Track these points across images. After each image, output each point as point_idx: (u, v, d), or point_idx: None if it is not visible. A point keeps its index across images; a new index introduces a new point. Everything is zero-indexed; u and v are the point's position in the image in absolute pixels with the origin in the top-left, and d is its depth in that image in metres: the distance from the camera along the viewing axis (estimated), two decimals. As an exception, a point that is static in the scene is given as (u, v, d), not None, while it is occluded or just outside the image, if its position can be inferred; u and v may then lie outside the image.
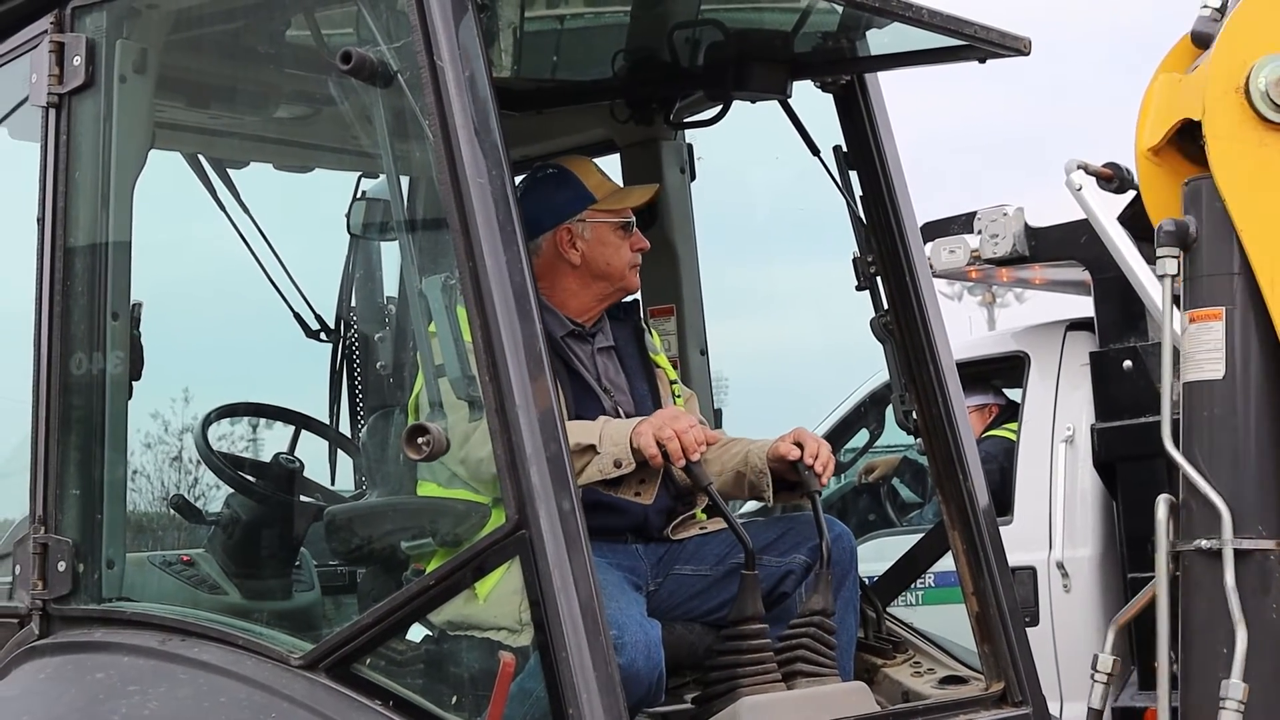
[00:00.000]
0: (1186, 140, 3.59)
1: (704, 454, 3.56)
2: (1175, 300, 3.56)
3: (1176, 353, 3.55)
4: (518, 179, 4.06)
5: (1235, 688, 3.33)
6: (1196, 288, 3.52)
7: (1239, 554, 3.40)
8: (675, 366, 4.32)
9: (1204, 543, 3.42)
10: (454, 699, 3.13)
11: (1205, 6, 3.66)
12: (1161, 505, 3.49)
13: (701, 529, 3.84)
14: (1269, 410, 3.48)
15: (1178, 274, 3.51)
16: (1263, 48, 3.46)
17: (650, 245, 4.02)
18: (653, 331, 4.13)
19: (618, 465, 3.47)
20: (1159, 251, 3.52)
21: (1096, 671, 3.55)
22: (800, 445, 3.73)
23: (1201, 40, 3.64)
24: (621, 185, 4.04)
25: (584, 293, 3.88)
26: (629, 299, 4.07)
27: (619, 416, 3.74)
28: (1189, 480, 3.45)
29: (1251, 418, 3.46)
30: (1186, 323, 3.52)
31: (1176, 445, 3.49)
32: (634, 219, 3.92)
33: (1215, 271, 3.49)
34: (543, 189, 3.94)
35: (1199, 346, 3.50)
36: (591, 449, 3.46)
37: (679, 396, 4.02)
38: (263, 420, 4.86)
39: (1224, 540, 3.39)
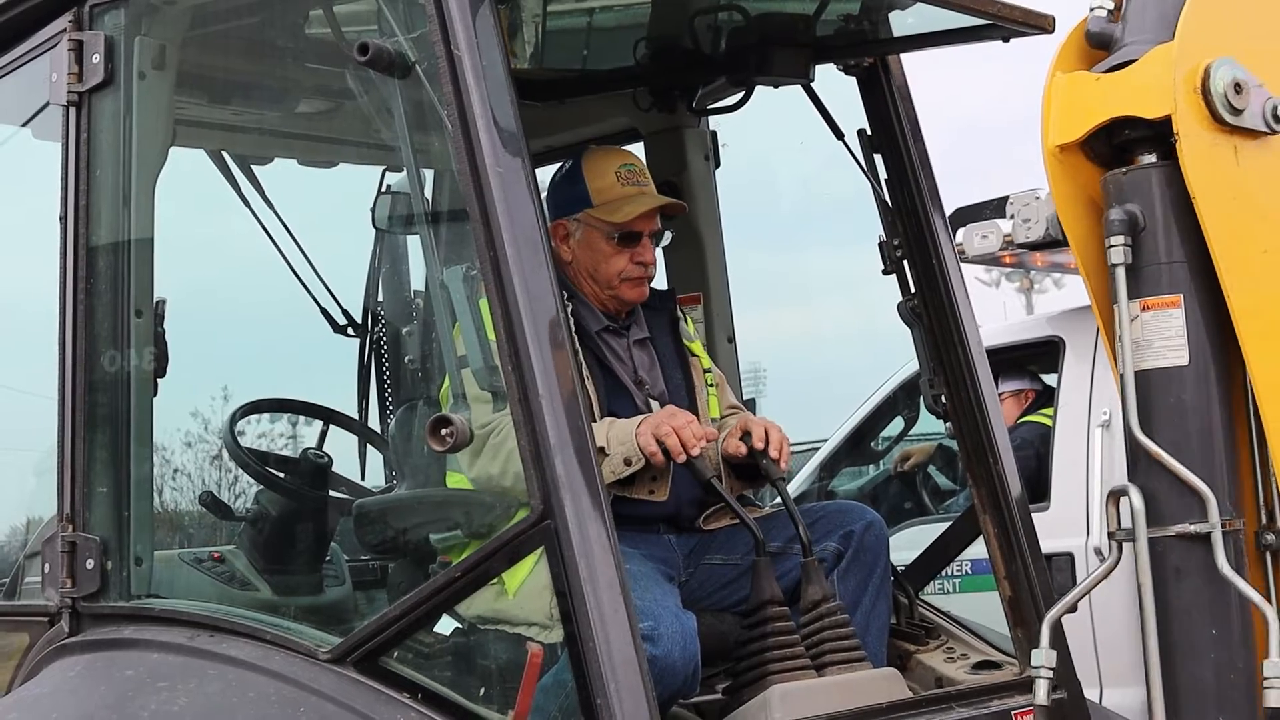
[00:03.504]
0: (1097, 138, 3.61)
1: (705, 449, 3.54)
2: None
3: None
4: (550, 167, 4.06)
5: (1278, 665, 3.31)
6: (1148, 275, 3.52)
7: (1224, 536, 3.40)
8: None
9: (1191, 527, 3.42)
10: (483, 692, 3.12)
11: (1098, 7, 3.67)
12: (1135, 494, 3.47)
13: (732, 520, 3.82)
14: (1229, 394, 3.50)
15: (1126, 261, 3.50)
16: (1213, 49, 3.47)
17: (664, 248, 3.98)
18: (688, 320, 4.10)
19: (628, 463, 3.48)
20: (1110, 240, 3.51)
21: (1036, 667, 3.52)
22: (747, 434, 3.70)
23: (1098, 41, 3.67)
24: (643, 192, 3.92)
25: (591, 289, 3.88)
26: (663, 288, 4.05)
27: (649, 410, 3.73)
28: (1162, 466, 3.44)
29: (1216, 402, 3.49)
30: (1138, 310, 3.52)
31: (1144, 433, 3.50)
32: (643, 231, 3.83)
33: (1169, 259, 3.50)
34: (556, 182, 3.94)
35: (1157, 334, 3.50)
36: (600, 451, 3.45)
37: (712, 386, 4.00)
38: (292, 416, 4.87)
39: (1212, 524, 3.39)
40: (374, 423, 4.79)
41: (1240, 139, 3.51)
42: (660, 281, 4.21)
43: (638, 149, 4.66)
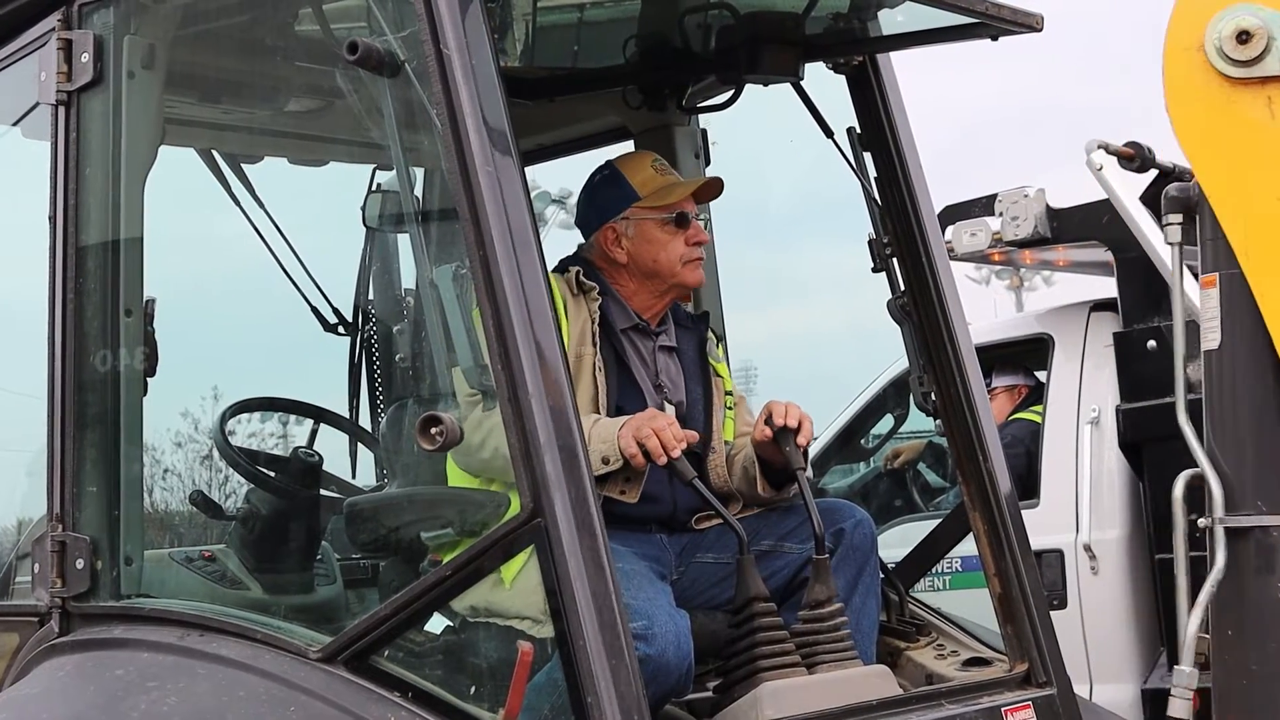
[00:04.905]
0: None
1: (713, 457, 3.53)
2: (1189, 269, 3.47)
3: (1194, 325, 3.46)
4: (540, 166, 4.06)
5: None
6: (1202, 253, 3.40)
7: (1236, 531, 3.30)
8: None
9: (1200, 520, 3.33)
10: (474, 690, 3.11)
11: None
12: (1179, 483, 3.40)
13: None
14: (1259, 380, 3.33)
15: (1182, 240, 3.40)
16: (1217, 3, 3.31)
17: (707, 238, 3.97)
18: (719, 343, 4.11)
19: (605, 462, 3.48)
20: (1164, 219, 3.42)
21: (1177, 686, 3.39)
22: (769, 416, 3.71)
23: None
24: (679, 178, 4.01)
25: (642, 290, 3.90)
26: (698, 310, 4.10)
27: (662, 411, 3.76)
28: (1195, 456, 3.35)
29: (1243, 388, 3.33)
30: (1200, 290, 3.41)
31: (1190, 419, 3.40)
32: (690, 212, 3.90)
33: (1212, 236, 3.36)
34: (594, 190, 3.99)
35: (1206, 315, 3.38)
36: None
37: (730, 408, 4.03)
38: (282, 415, 4.87)
39: (1214, 518, 3.30)
40: (365, 421, 4.79)
41: (1276, 88, 3.27)
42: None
43: (627, 147, 4.67)
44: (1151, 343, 5.96)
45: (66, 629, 3.50)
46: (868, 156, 3.99)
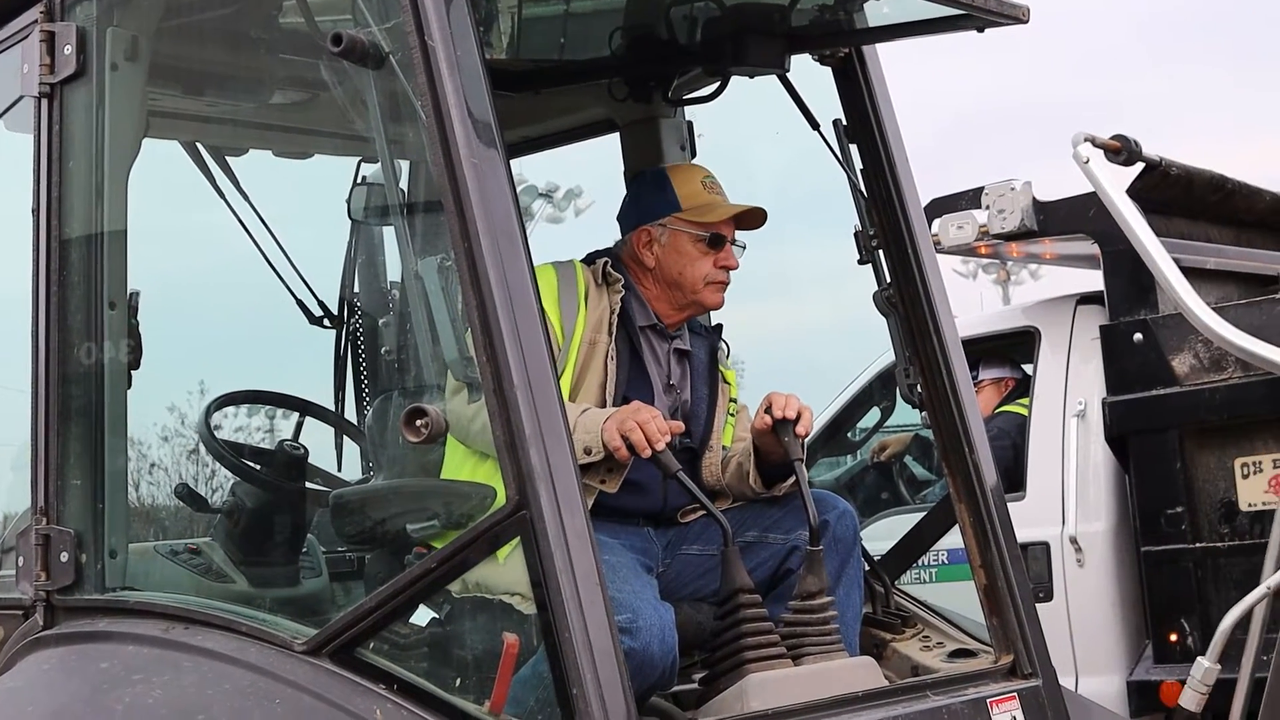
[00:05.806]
0: None
1: (671, 442, 3.53)
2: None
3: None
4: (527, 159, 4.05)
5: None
6: None
7: None
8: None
9: None
10: (459, 682, 3.11)
11: None
12: None
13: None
14: None
15: None
16: None
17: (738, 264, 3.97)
18: (728, 354, 4.13)
19: (587, 452, 3.47)
20: None
21: (1195, 679, 3.34)
22: (769, 407, 3.71)
23: None
24: (726, 199, 4.01)
25: (662, 298, 3.92)
26: (713, 322, 4.10)
27: (671, 410, 3.79)
28: None
29: None
30: None
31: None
32: (727, 236, 3.92)
33: None
34: (639, 190, 4.02)
35: None
36: None
37: (732, 415, 4.04)
38: (268, 408, 4.87)
39: None
40: (350, 414, 4.78)
41: None
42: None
43: (614, 140, 4.66)
44: (1138, 335, 5.97)
45: (51, 622, 3.50)
46: (854, 148, 3.99)
